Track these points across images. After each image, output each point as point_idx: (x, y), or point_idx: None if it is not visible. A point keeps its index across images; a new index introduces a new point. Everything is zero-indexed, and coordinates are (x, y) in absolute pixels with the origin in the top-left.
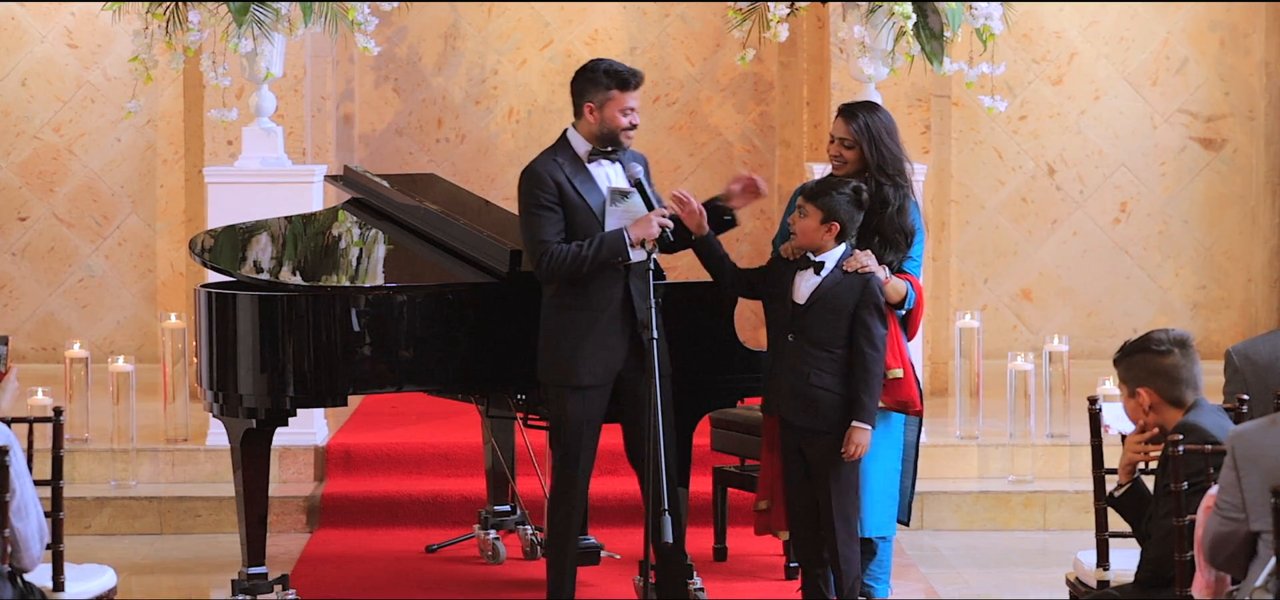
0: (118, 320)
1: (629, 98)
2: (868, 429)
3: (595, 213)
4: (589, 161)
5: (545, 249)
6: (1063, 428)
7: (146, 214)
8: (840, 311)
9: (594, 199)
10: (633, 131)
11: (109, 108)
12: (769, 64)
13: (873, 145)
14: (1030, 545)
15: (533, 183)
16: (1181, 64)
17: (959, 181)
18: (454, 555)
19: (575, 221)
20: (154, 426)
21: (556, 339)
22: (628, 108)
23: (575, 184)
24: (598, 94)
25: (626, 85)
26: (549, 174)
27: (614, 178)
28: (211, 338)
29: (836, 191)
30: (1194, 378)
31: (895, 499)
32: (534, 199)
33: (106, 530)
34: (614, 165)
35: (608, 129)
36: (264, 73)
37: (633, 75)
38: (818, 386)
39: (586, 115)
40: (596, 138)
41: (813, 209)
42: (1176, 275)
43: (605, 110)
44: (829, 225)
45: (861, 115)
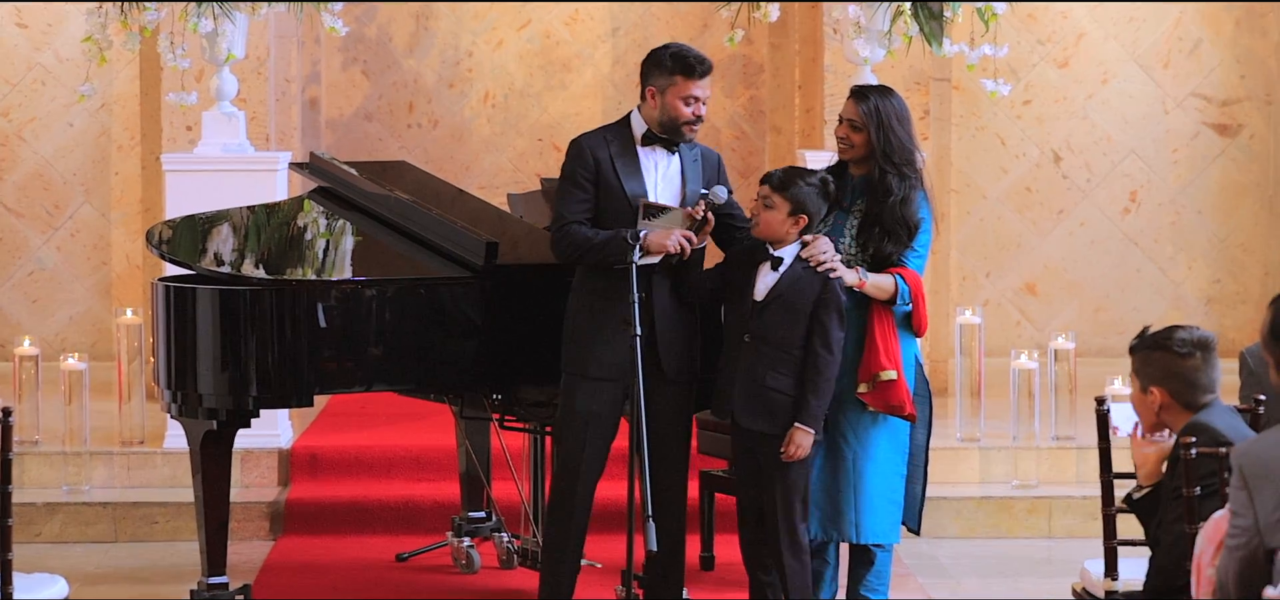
0: (70, 315)
1: (695, 86)
2: (810, 432)
3: (630, 200)
4: (642, 145)
5: (560, 225)
6: (1069, 430)
7: (101, 203)
8: (799, 311)
9: (633, 186)
10: (698, 124)
11: (61, 91)
12: (759, 45)
13: (881, 130)
14: (1034, 554)
15: (573, 155)
16: (1195, 45)
17: (959, 170)
18: (426, 564)
19: (609, 206)
20: (108, 428)
21: (575, 326)
22: (692, 96)
23: (618, 167)
24: (661, 78)
25: (692, 72)
26: (592, 150)
27: (666, 166)
28: (170, 334)
29: (804, 182)
30: (1211, 382)
31: (898, 505)
32: (568, 171)
33: (58, 538)
34: (672, 157)
35: (668, 117)
36: (225, 54)
37: (700, 62)
38: (773, 389)
39: (648, 99)
40: (657, 125)
41: (780, 200)
42: (1189, 268)
43: (667, 97)
44: (796, 218)
45: (873, 97)
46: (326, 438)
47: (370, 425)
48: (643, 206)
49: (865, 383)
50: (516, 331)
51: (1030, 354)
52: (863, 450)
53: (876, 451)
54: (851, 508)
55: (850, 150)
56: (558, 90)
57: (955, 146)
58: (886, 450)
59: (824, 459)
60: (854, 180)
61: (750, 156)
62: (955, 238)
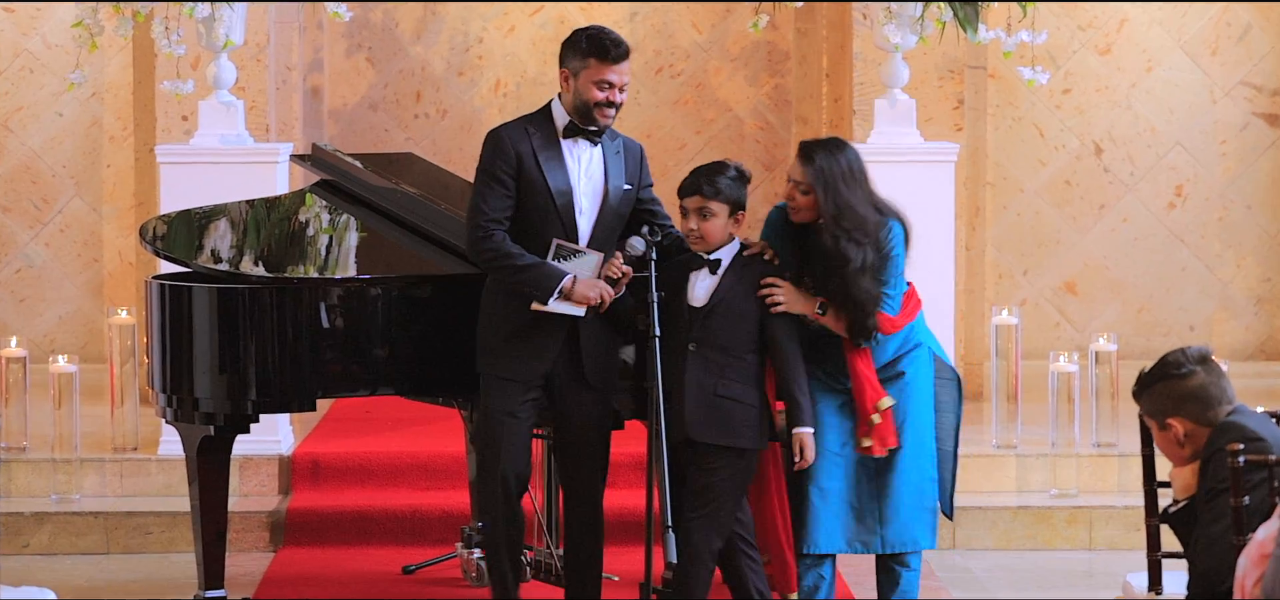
0: (59, 315)
1: (609, 71)
2: (811, 432)
3: (553, 196)
4: (564, 137)
5: (485, 229)
6: (1110, 436)
7: (92, 197)
8: (746, 314)
9: (557, 181)
10: (612, 110)
11: (50, 79)
12: (784, 31)
13: (829, 193)
14: (1074, 566)
15: (492, 148)
16: (1244, 31)
17: (996, 162)
18: (433, 577)
19: (530, 202)
20: (100, 434)
21: (491, 325)
22: (607, 81)
23: (540, 160)
24: (575, 61)
25: (607, 55)
26: (512, 143)
27: (591, 159)
28: (164, 335)
29: (727, 178)
30: (1224, 393)
31: (931, 510)
32: (488, 165)
33: (47, 549)
34: (595, 148)
35: (581, 102)
36: (223, 40)
37: (617, 45)
38: (727, 398)
39: (562, 85)
40: (572, 110)
41: (719, 206)
42: (1238, 266)
43: (580, 80)
44: (737, 218)
45: (820, 157)
46: (329, 444)
47: (375, 431)
48: (556, 247)
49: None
50: None
51: (1070, 356)
52: (885, 458)
53: (900, 458)
54: (876, 518)
55: (799, 213)
56: None
57: (991, 138)
58: (911, 454)
59: (843, 470)
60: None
61: (776, 148)
62: (991, 234)
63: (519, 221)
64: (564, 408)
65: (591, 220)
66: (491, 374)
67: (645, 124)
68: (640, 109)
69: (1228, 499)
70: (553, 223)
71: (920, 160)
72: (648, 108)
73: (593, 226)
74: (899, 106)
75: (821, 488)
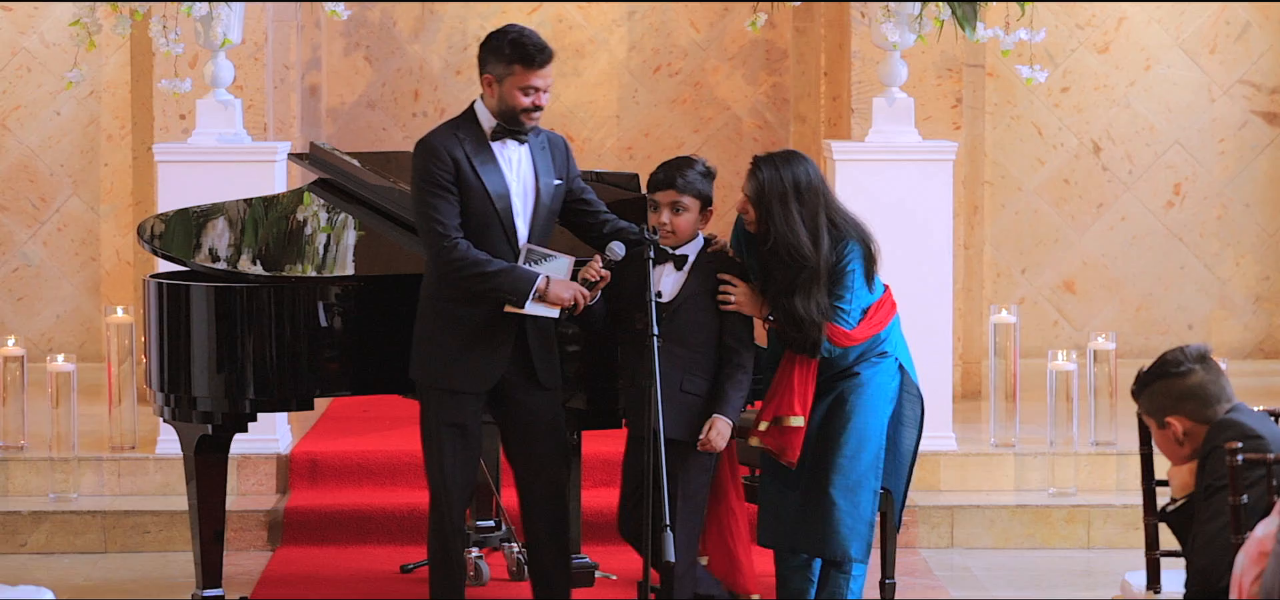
0: (57, 314)
1: (534, 76)
2: (731, 423)
3: (493, 200)
4: (493, 140)
5: (448, 240)
6: (1109, 435)
7: (89, 196)
8: (711, 309)
9: (494, 184)
10: (537, 114)
11: (47, 77)
12: (783, 29)
13: (765, 212)
14: (1073, 565)
15: (428, 157)
16: (1243, 29)
17: (994, 161)
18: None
19: (469, 208)
20: (97, 432)
21: (435, 335)
22: (531, 86)
23: (475, 163)
24: (498, 66)
25: (532, 61)
26: (447, 149)
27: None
28: (162, 334)
29: (695, 172)
30: (1223, 391)
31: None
32: (430, 176)
33: (44, 548)
34: (522, 147)
35: (506, 107)
36: (221, 39)
37: (541, 51)
38: (690, 393)
39: (485, 88)
40: (495, 114)
41: (691, 200)
42: (1237, 265)
43: (505, 86)
44: (706, 214)
45: (763, 171)
46: (327, 443)
47: (373, 430)
48: (526, 251)
49: (766, 422)
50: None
51: (1068, 355)
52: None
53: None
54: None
55: (751, 225)
56: (571, 77)
57: (989, 136)
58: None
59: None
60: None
61: (773, 146)
62: (989, 232)
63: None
64: (517, 413)
65: (527, 220)
66: (438, 387)
67: (643, 122)
68: (638, 107)
69: (1226, 497)
70: (494, 226)
71: (918, 159)
72: (645, 106)
73: (529, 226)
74: (897, 105)
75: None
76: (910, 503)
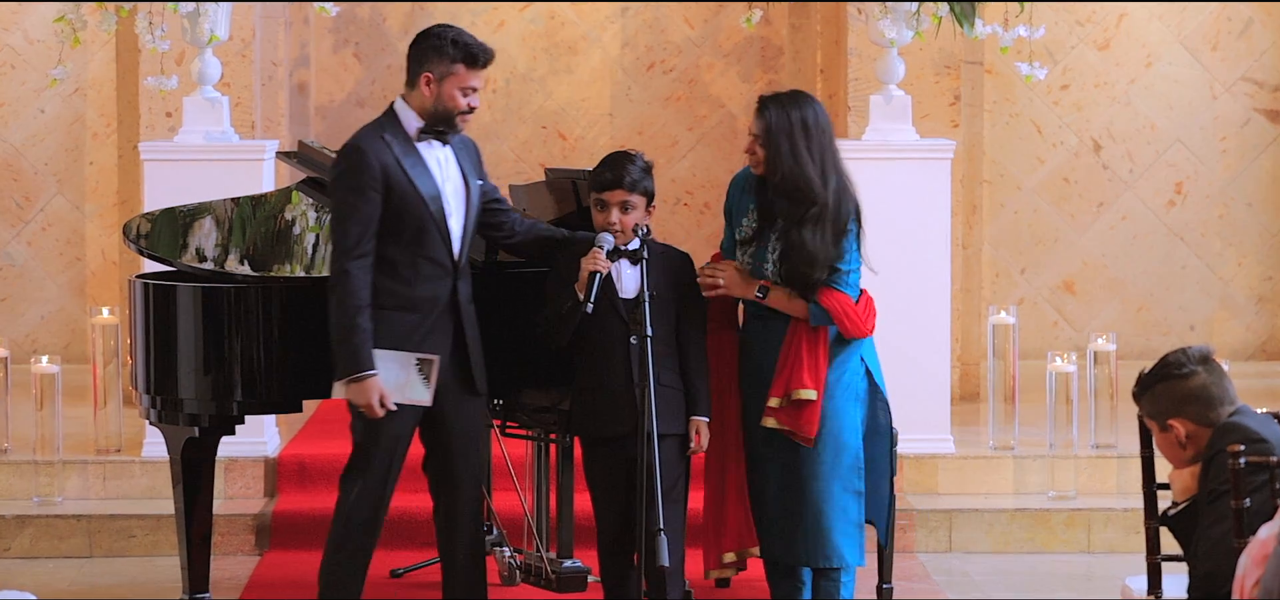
0: (41, 315)
1: (474, 77)
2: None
3: (427, 202)
4: (419, 141)
5: (347, 267)
6: (1109, 437)
7: (74, 195)
8: (671, 300)
9: (426, 187)
10: (469, 116)
11: (31, 75)
12: (778, 26)
13: (773, 150)
14: (1073, 570)
15: (354, 161)
16: (1245, 26)
17: (992, 159)
18: (422, 581)
19: (404, 212)
20: (82, 435)
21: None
22: (470, 87)
23: (404, 166)
24: (440, 65)
25: (475, 61)
26: (375, 154)
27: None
28: (148, 335)
29: (637, 168)
30: (1227, 393)
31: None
32: (353, 183)
33: (28, 553)
34: (446, 148)
35: (443, 108)
36: (207, 35)
37: (484, 51)
38: (667, 386)
39: (422, 86)
40: (428, 115)
41: (639, 198)
42: (1239, 265)
43: (445, 86)
44: (651, 207)
45: (770, 110)
46: (315, 445)
47: None
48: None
49: (778, 398)
50: (518, 333)
51: (1068, 356)
52: (807, 468)
53: (819, 470)
54: (799, 528)
55: (758, 166)
56: (563, 74)
57: (988, 134)
58: (830, 465)
59: (773, 479)
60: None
61: None
62: (988, 232)
63: (393, 235)
64: (448, 422)
65: (461, 222)
66: None
67: (636, 121)
68: (631, 105)
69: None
70: (429, 230)
71: (916, 157)
72: (639, 104)
73: (462, 228)
74: (894, 103)
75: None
76: (908, 506)
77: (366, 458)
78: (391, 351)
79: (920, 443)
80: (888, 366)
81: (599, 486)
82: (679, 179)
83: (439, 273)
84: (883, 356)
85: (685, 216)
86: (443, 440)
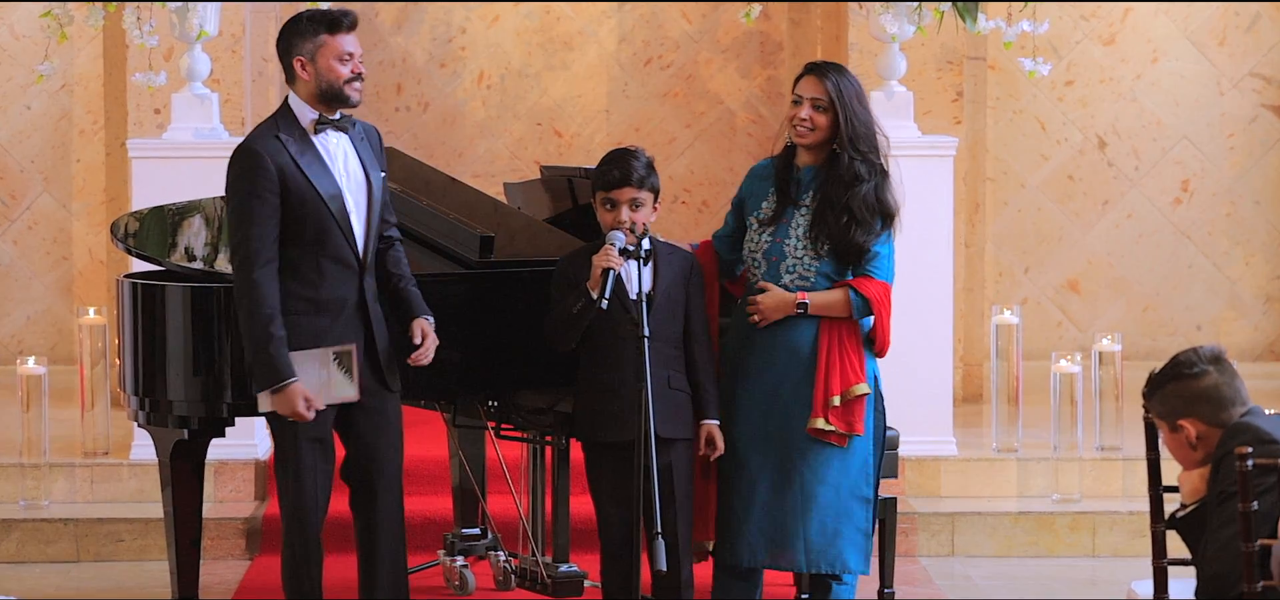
0: (27, 315)
1: (343, 40)
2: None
3: (326, 201)
4: (316, 133)
5: (254, 277)
6: (1115, 439)
7: (61, 193)
8: (680, 301)
9: (325, 185)
10: (360, 84)
11: (17, 70)
12: (778, 21)
13: (846, 111)
14: (1077, 574)
15: (251, 166)
16: (1253, 20)
17: (996, 156)
18: (417, 585)
19: (303, 215)
20: (69, 438)
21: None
22: (345, 53)
23: (300, 165)
24: (306, 44)
25: (337, 26)
26: (270, 155)
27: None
28: (137, 335)
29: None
30: (1239, 393)
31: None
32: (249, 186)
33: (14, 557)
34: (344, 137)
35: (327, 83)
36: (197, 30)
37: (345, 15)
38: (678, 389)
39: (299, 73)
40: (317, 97)
41: (647, 195)
42: (1246, 264)
43: (319, 61)
44: (657, 202)
45: (833, 74)
46: None
47: None
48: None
49: (836, 396)
50: (513, 333)
51: (1072, 357)
52: (813, 474)
53: (828, 474)
54: (801, 533)
55: (812, 134)
56: (559, 70)
57: (991, 131)
58: (839, 472)
59: (769, 483)
60: (799, 172)
61: (769, 142)
62: (991, 230)
63: (295, 238)
64: (364, 418)
65: (363, 218)
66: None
67: (633, 117)
68: (628, 101)
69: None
70: (332, 231)
71: (918, 154)
72: (636, 100)
73: (365, 223)
74: (896, 99)
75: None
76: (910, 509)
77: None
78: (306, 351)
79: (922, 445)
80: (889, 367)
81: (603, 492)
82: (677, 176)
83: (345, 272)
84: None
85: (683, 214)
86: (360, 443)
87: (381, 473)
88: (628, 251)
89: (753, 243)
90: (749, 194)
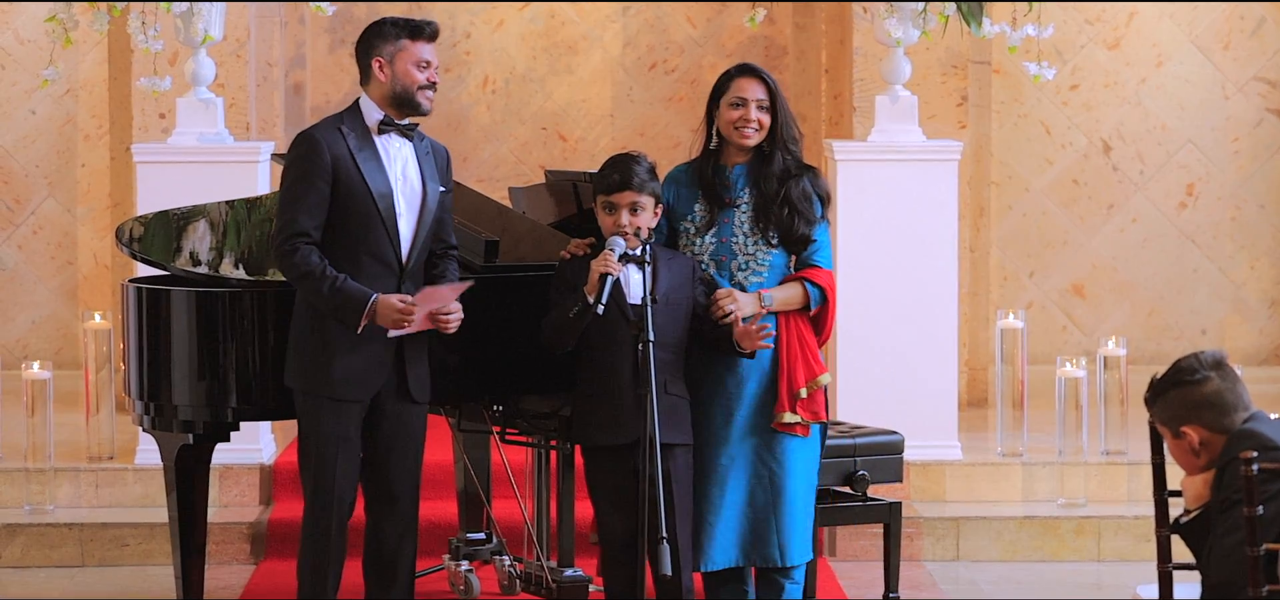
0: (32, 320)
1: (422, 48)
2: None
3: (375, 199)
4: (379, 134)
5: (297, 243)
6: (1120, 444)
7: (66, 198)
8: (682, 304)
9: (377, 183)
10: (433, 93)
11: (22, 75)
12: (782, 26)
13: (783, 110)
14: (1083, 578)
15: (307, 151)
16: (1258, 24)
17: (1001, 161)
18: (422, 590)
19: (351, 208)
20: (74, 442)
21: (310, 340)
22: (423, 61)
23: (358, 161)
24: (387, 46)
25: (419, 33)
26: (327, 144)
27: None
28: (142, 340)
29: (643, 166)
30: (1241, 399)
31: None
32: (301, 169)
33: (19, 562)
34: (407, 144)
35: (402, 87)
36: (201, 35)
37: (427, 24)
38: (676, 395)
39: (376, 74)
40: (390, 100)
41: (647, 198)
42: (1251, 268)
43: (397, 64)
44: (658, 207)
45: (767, 74)
46: None
47: None
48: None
49: (803, 387)
50: (518, 337)
51: (1077, 361)
52: (781, 467)
53: (794, 467)
54: (774, 530)
55: (758, 134)
56: (563, 74)
57: (996, 135)
58: (803, 464)
59: (741, 481)
60: (728, 172)
61: None
62: (995, 234)
63: (338, 228)
64: (387, 425)
65: (412, 224)
66: (322, 395)
67: (638, 121)
68: (633, 106)
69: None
70: (375, 227)
71: (923, 158)
72: (640, 104)
73: (413, 230)
74: (901, 103)
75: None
76: (915, 514)
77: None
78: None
79: (927, 449)
80: (893, 371)
81: (602, 496)
82: None
83: (383, 272)
84: (888, 361)
85: None
86: (379, 448)
87: (398, 485)
88: (628, 256)
89: (694, 249)
90: (677, 199)
